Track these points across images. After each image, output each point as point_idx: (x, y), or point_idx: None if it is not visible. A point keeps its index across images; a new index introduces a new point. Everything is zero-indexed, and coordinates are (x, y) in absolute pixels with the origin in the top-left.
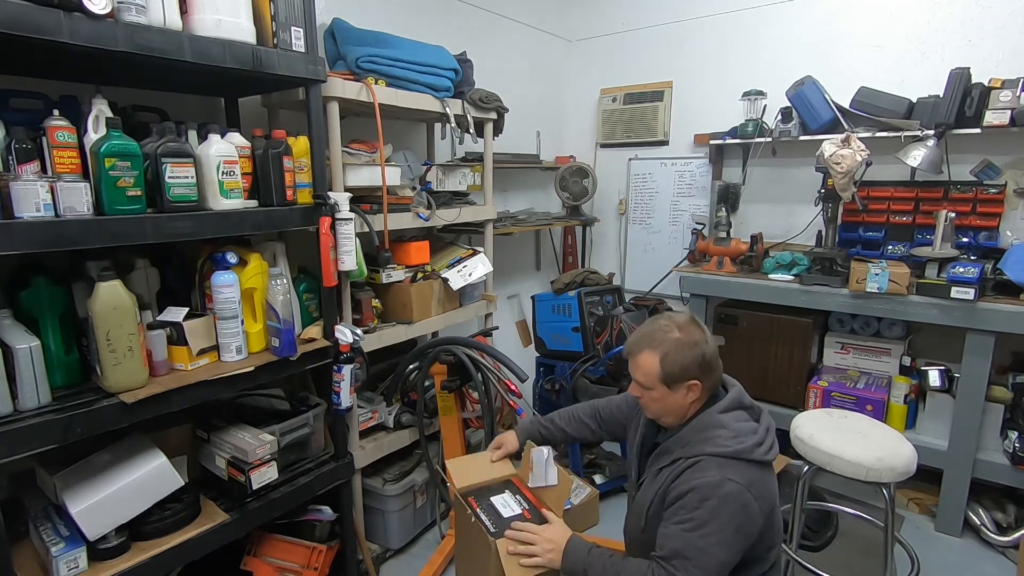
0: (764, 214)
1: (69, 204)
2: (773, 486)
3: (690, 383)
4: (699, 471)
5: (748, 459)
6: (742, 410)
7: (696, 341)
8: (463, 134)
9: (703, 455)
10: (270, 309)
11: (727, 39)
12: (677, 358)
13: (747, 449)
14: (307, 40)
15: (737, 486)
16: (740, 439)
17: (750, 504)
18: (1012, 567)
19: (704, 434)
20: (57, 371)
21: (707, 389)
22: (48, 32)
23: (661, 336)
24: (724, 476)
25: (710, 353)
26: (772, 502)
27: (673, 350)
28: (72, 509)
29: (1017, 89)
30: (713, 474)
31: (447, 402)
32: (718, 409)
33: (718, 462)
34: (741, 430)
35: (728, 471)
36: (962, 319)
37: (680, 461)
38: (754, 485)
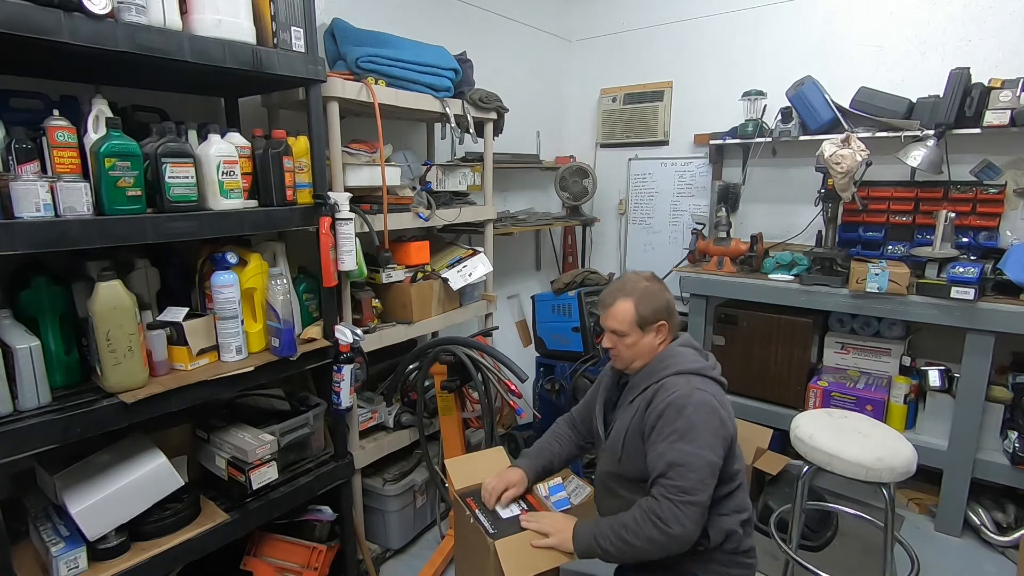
0: (764, 214)
1: (69, 204)
2: (728, 403)
3: (659, 324)
4: (669, 388)
5: (708, 375)
6: (695, 350)
7: (660, 288)
8: (463, 134)
9: (669, 374)
10: (270, 309)
11: (727, 39)
12: (648, 302)
13: (707, 367)
14: (307, 40)
15: (705, 394)
16: (697, 361)
17: (718, 409)
18: (1012, 567)
19: (665, 362)
20: (57, 371)
21: (671, 331)
22: (48, 32)
23: (632, 286)
24: (692, 386)
25: (671, 299)
26: (729, 413)
27: (644, 296)
28: (72, 509)
29: (1017, 89)
30: (682, 386)
31: (447, 402)
32: (676, 344)
33: (684, 378)
34: (696, 356)
35: (695, 383)
36: (962, 319)
37: (651, 386)
38: (716, 395)
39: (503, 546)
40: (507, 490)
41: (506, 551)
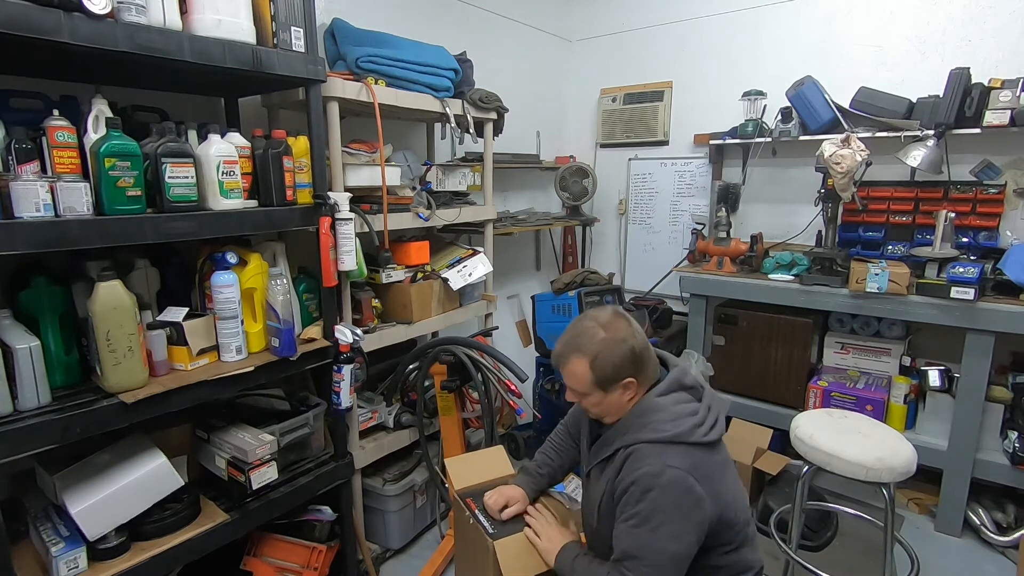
0: (764, 214)
1: (69, 204)
2: (720, 466)
3: (625, 382)
4: (638, 461)
5: (688, 442)
6: (683, 391)
7: (623, 337)
8: (463, 134)
9: (640, 443)
10: (270, 309)
11: (727, 39)
12: (607, 359)
13: (686, 432)
14: (307, 40)
15: (678, 472)
16: (679, 422)
17: (693, 488)
18: (1012, 567)
19: (641, 420)
20: (57, 371)
21: (643, 383)
22: (48, 32)
23: (587, 339)
24: (664, 463)
25: (640, 346)
26: (720, 483)
27: (602, 351)
28: (72, 509)
29: (1017, 89)
30: (652, 462)
31: (447, 402)
32: (656, 393)
33: (657, 449)
34: (680, 412)
35: (668, 457)
36: (962, 319)
37: (620, 451)
38: (698, 468)
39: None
40: (507, 507)
41: (505, 551)
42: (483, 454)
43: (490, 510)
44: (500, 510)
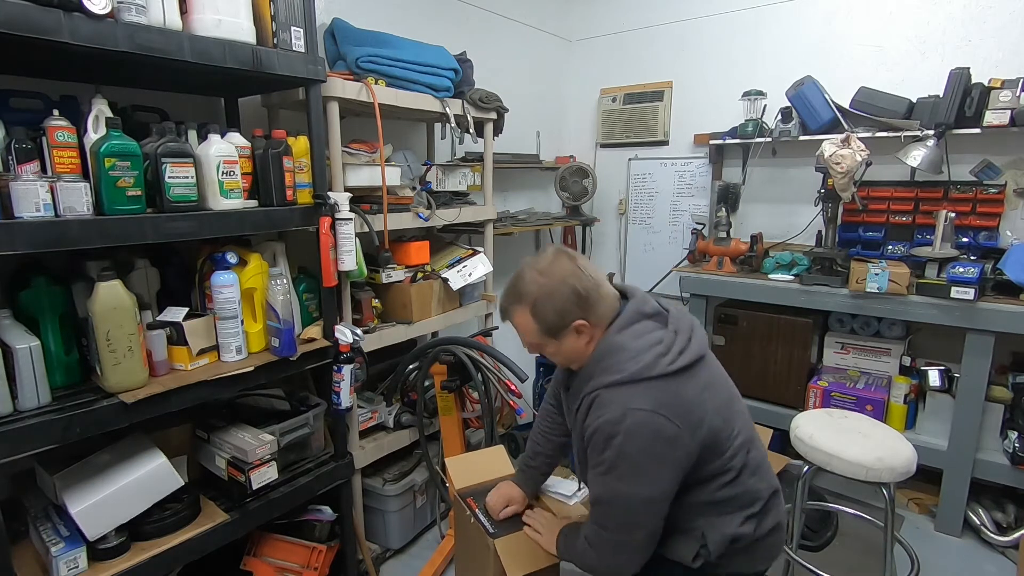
0: (764, 214)
1: (69, 204)
2: (699, 391)
3: (575, 325)
4: (600, 407)
5: (651, 376)
6: (645, 320)
7: (562, 278)
8: (463, 134)
9: (600, 388)
10: (270, 309)
11: (727, 39)
12: (549, 304)
13: (647, 367)
14: (307, 40)
15: (642, 413)
16: (639, 358)
17: (662, 428)
18: (1012, 567)
19: (602, 364)
20: (57, 371)
21: (598, 323)
22: (48, 32)
23: (525, 287)
24: (625, 407)
25: (585, 285)
26: (701, 410)
27: (541, 298)
28: (72, 509)
29: (1017, 89)
30: (613, 408)
31: (447, 402)
32: (615, 330)
33: (617, 392)
34: (641, 347)
35: (630, 400)
36: (962, 319)
37: (585, 399)
38: (665, 404)
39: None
40: (508, 506)
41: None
42: (483, 454)
43: (491, 510)
44: (501, 510)
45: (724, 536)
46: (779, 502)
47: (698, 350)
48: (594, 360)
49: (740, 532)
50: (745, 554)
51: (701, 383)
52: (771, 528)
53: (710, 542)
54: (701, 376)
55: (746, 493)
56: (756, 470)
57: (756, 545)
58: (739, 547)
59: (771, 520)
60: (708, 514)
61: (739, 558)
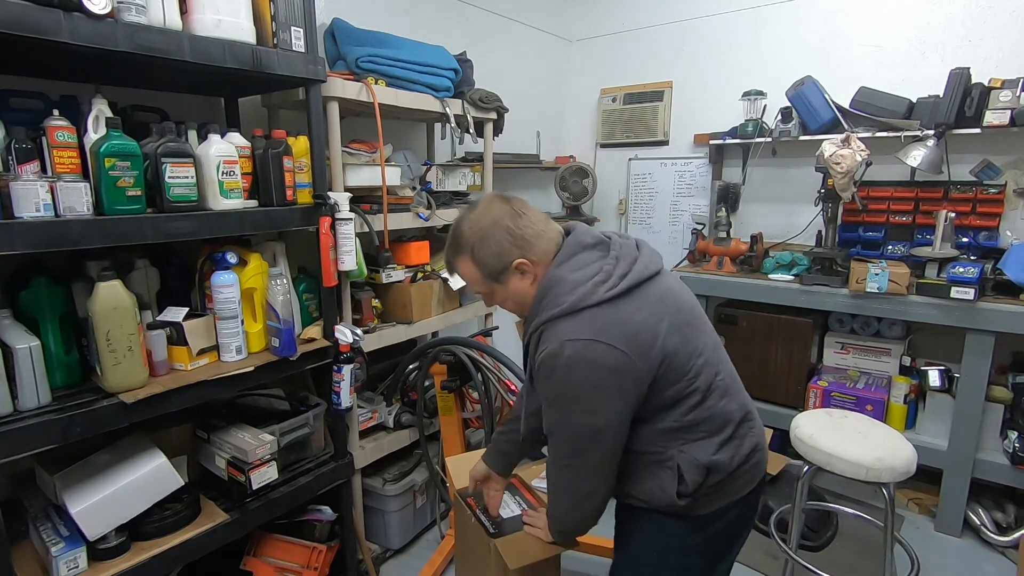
0: (764, 214)
1: (69, 204)
2: (643, 316)
3: (515, 265)
4: (542, 343)
5: (589, 305)
6: (587, 251)
7: (494, 219)
8: (463, 134)
9: (542, 324)
10: (270, 309)
11: (727, 39)
12: (485, 249)
13: (584, 296)
14: (307, 40)
15: (580, 343)
16: (576, 290)
17: (603, 356)
18: (1012, 567)
19: (543, 301)
20: (57, 371)
21: (540, 261)
22: (48, 32)
23: (462, 236)
24: (562, 340)
25: (520, 223)
26: (643, 336)
27: (477, 243)
28: (72, 509)
29: (1017, 89)
30: (551, 343)
31: (447, 402)
32: (554, 265)
33: (556, 325)
34: (579, 279)
35: (567, 332)
36: (962, 319)
37: (532, 338)
38: (605, 332)
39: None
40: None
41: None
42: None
43: (491, 509)
44: (475, 487)
45: (699, 465)
46: (754, 424)
47: (643, 271)
48: (536, 299)
49: (716, 460)
50: (726, 487)
51: (650, 302)
52: (749, 452)
53: (685, 473)
54: (650, 296)
55: (716, 416)
56: (726, 392)
57: (736, 475)
58: (718, 479)
59: (748, 444)
60: (677, 441)
61: (721, 492)
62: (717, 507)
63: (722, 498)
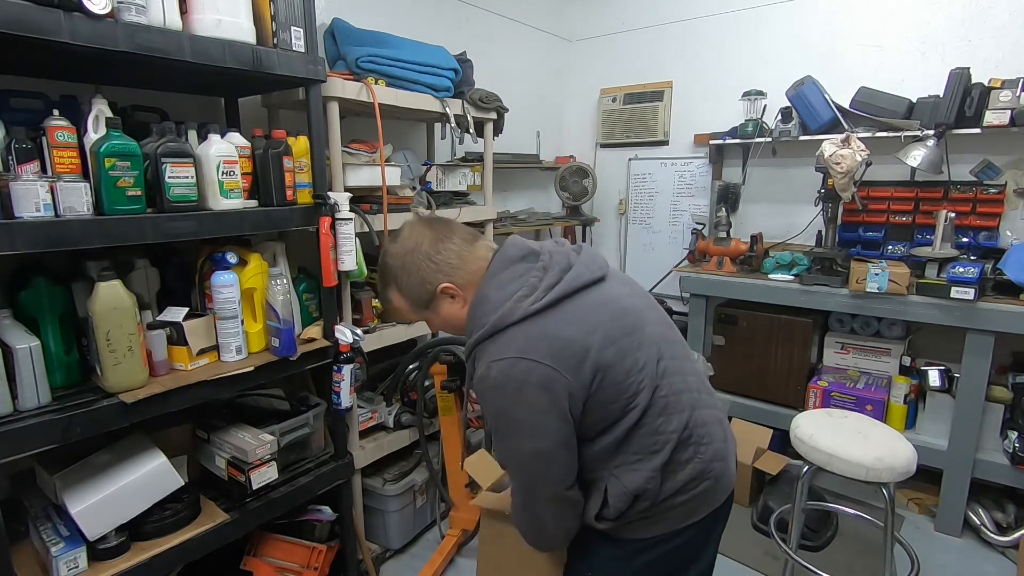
0: (764, 214)
1: (69, 204)
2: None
3: (441, 289)
4: (476, 367)
5: (513, 322)
6: (515, 265)
7: (412, 247)
8: (463, 134)
9: (471, 348)
10: (270, 309)
11: (727, 39)
12: (409, 279)
13: (507, 314)
14: (307, 40)
15: (504, 363)
16: (499, 308)
17: (529, 373)
18: (1012, 567)
19: (471, 324)
20: (57, 371)
21: (470, 280)
22: (48, 32)
23: (386, 269)
24: (488, 361)
25: (441, 246)
26: (573, 348)
27: (400, 273)
28: (72, 509)
29: (1017, 89)
30: (480, 365)
31: (447, 402)
32: (485, 281)
33: (483, 348)
34: (501, 298)
35: (492, 353)
36: (962, 319)
37: (468, 363)
38: (530, 349)
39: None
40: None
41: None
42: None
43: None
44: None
45: (626, 492)
46: (702, 448)
47: (575, 281)
48: (468, 322)
49: (646, 488)
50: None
51: (581, 313)
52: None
53: (611, 497)
54: (583, 307)
55: (652, 439)
56: (665, 409)
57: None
58: (645, 506)
59: (689, 471)
60: (610, 465)
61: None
62: (654, 534)
63: (654, 525)
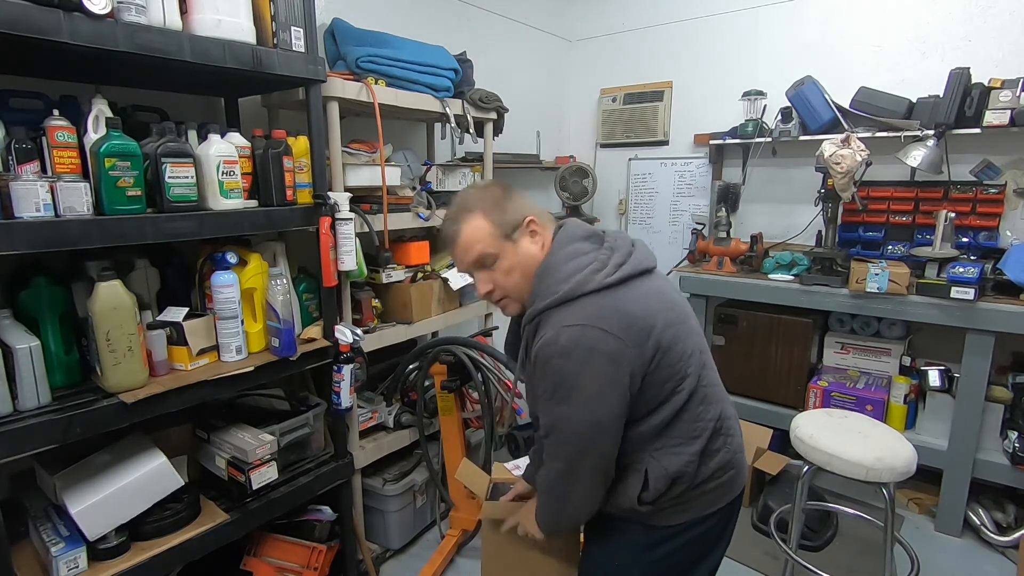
0: (764, 214)
1: (69, 204)
2: (639, 306)
3: (527, 221)
4: (540, 332)
5: (585, 292)
6: (580, 242)
7: (505, 188)
8: (463, 134)
9: (538, 314)
10: (270, 309)
11: (727, 39)
12: (499, 206)
13: (580, 283)
14: (307, 40)
15: (575, 329)
16: (572, 278)
17: (599, 342)
18: (1012, 567)
19: (538, 290)
20: (57, 371)
21: (546, 225)
22: (48, 32)
23: (469, 201)
24: (559, 327)
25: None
26: (639, 326)
27: (489, 201)
28: (72, 509)
29: (1017, 89)
30: (547, 332)
31: (447, 402)
32: (551, 252)
33: (552, 315)
34: (573, 268)
35: (563, 319)
36: (962, 319)
37: (527, 329)
38: (600, 318)
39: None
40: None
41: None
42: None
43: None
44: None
45: (666, 474)
46: (729, 440)
47: (637, 266)
48: (533, 288)
49: (683, 471)
50: (689, 501)
51: (645, 295)
52: (717, 468)
53: (651, 479)
54: (644, 289)
55: (694, 425)
56: (705, 399)
57: (702, 489)
58: (681, 491)
59: (719, 460)
60: (651, 447)
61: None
62: (679, 521)
63: (684, 512)
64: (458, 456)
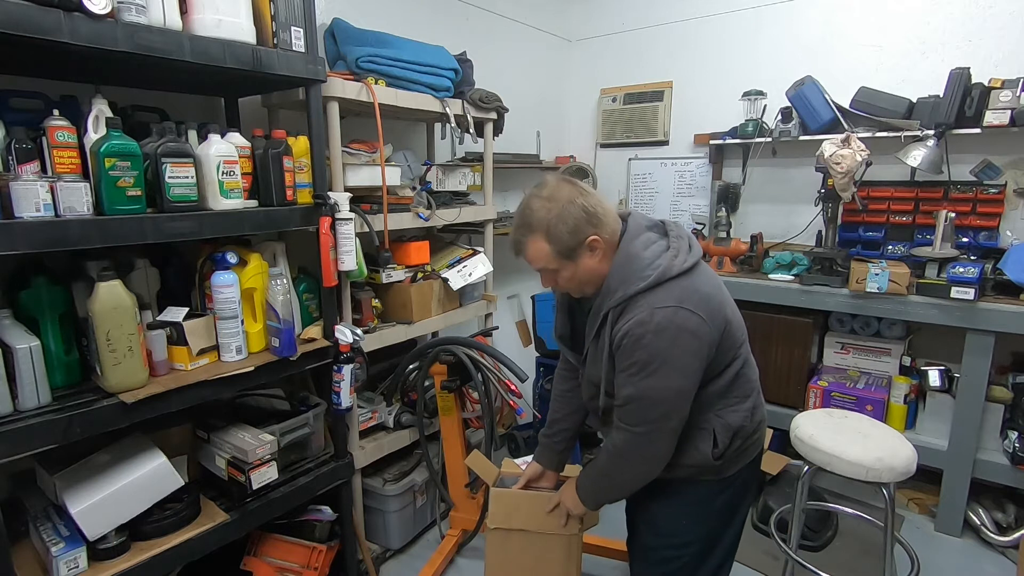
0: (764, 214)
1: (69, 204)
2: (710, 287)
3: (589, 241)
4: (628, 314)
5: (671, 276)
6: (648, 232)
7: (570, 198)
8: (463, 134)
9: (627, 298)
10: (270, 309)
11: (727, 39)
12: (561, 227)
13: (665, 270)
14: (307, 40)
15: (667, 310)
16: (655, 263)
17: (687, 321)
18: (1012, 567)
19: (622, 275)
20: (57, 371)
21: (609, 237)
22: (48, 32)
23: (533, 216)
24: (652, 307)
25: (591, 201)
26: (713, 304)
27: (553, 222)
28: (72, 509)
29: (1017, 89)
30: (639, 312)
31: (447, 402)
32: (626, 242)
33: (642, 298)
34: (654, 254)
35: (655, 301)
36: (962, 319)
37: (612, 312)
38: (686, 299)
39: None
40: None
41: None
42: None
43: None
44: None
45: (729, 428)
46: (761, 396)
47: (698, 251)
48: (613, 274)
49: (742, 425)
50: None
51: (711, 276)
52: (760, 420)
53: (718, 436)
54: (708, 271)
55: (747, 383)
56: (747, 360)
57: (752, 439)
58: (739, 444)
59: (760, 413)
60: (716, 407)
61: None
62: (735, 470)
63: (739, 461)
64: (458, 456)
